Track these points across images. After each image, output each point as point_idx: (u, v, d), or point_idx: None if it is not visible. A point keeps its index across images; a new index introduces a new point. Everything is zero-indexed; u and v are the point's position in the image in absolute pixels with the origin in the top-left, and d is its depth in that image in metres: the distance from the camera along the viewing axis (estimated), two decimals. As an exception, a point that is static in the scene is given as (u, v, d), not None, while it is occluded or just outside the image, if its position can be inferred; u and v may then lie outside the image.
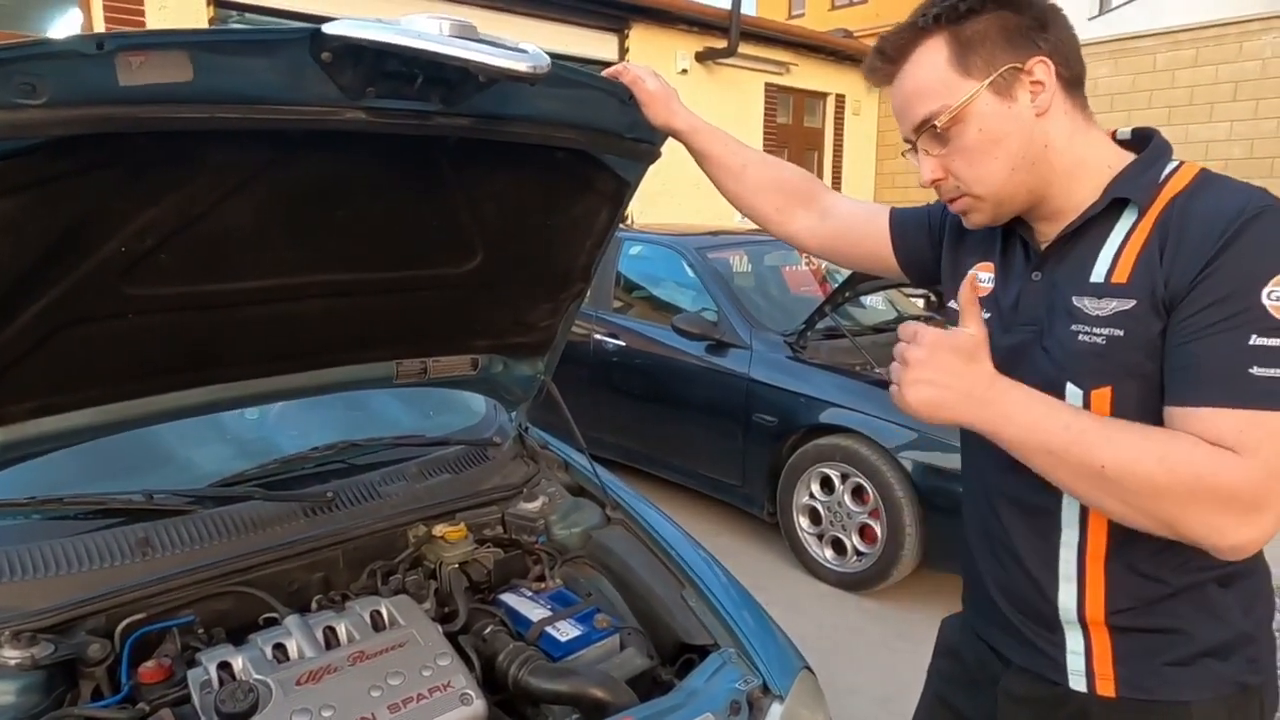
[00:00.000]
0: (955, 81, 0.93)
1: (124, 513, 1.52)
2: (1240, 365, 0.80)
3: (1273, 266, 0.81)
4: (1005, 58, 0.92)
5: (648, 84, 1.26)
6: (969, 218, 1.02)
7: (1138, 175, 0.94)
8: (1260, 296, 0.80)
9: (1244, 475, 0.79)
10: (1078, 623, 0.99)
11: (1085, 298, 0.93)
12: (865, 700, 2.58)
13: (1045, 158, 0.95)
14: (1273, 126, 8.38)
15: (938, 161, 0.97)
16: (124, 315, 1.23)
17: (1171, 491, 0.80)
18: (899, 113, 1.00)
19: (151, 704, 1.21)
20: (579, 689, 1.31)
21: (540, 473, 1.98)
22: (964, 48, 0.92)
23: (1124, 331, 0.89)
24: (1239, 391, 0.80)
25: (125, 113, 0.87)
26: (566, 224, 1.55)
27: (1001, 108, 0.93)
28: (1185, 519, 0.81)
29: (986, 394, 0.88)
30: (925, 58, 0.95)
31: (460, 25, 0.92)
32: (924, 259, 1.24)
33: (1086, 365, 0.93)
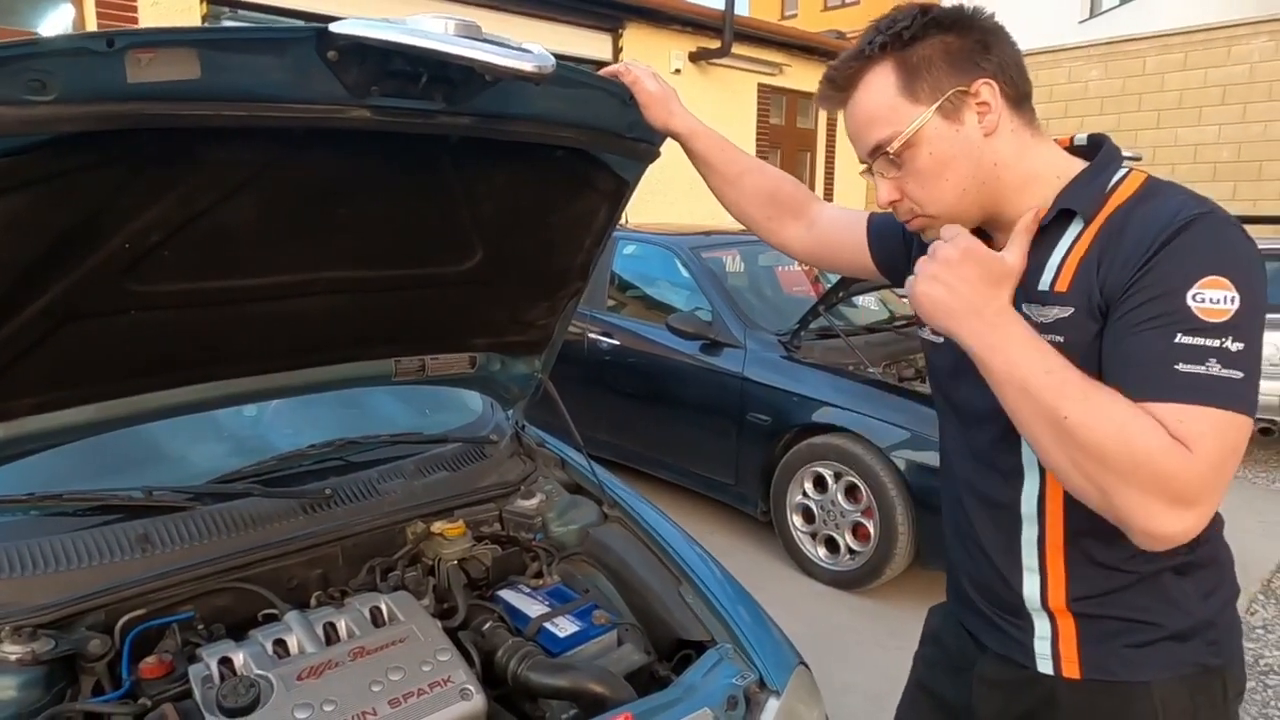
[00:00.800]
0: (904, 108, 0.95)
1: (123, 509, 1.52)
2: (1165, 362, 0.83)
3: (1198, 270, 0.84)
4: (950, 81, 0.94)
5: (648, 85, 1.27)
6: (925, 235, 1.04)
7: (1084, 185, 0.96)
8: (1186, 298, 0.83)
9: (1189, 467, 0.80)
10: (1043, 610, 1.03)
11: (1032, 305, 0.96)
12: (859, 697, 2.60)
13: (995, 175, 0.97)
14: (1260, 130, 8.46)
15: (893, 184, 1.00)
16: (127, 311, 1.23)
17: (1118, 460, 0.81)
18: (853, 137, 1.03)
19: (153, 699, 1.22)
20: (578, 684, 1.32)
21: (537, 470, 1.99)
22: (910, 74, 0.95)
23: (1064, 338, 0.92)
24: (1166, 385, 0.82)
25: (133, 109, 0.88)
26: (565, 222, 1.56)
27: (950, 131, 0.95)
28: (1122, 492, 0.81)
29: (992, 317, 0.89)
30: (874, 84, 0.97)
31: (465, 25, 0.92)
32: (898, 262, 1.27)
33: None
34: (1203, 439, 0.80)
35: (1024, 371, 0.86)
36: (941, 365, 1.13)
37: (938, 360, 1.14)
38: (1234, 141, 8.62)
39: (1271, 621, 3.29)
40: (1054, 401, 0.84)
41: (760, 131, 10.36)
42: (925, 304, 0.93)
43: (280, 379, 1.58)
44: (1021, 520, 1.03)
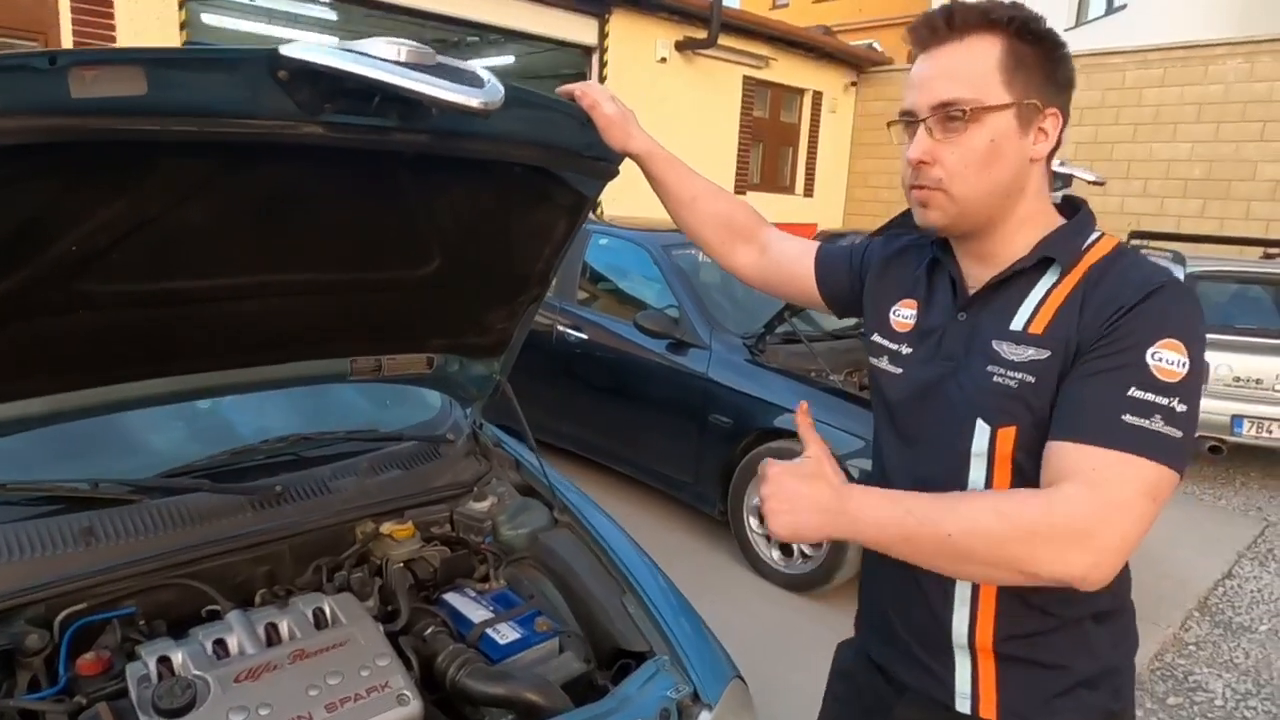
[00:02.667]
0: (996, 84, 0.95)
1: (68, 501, 1.51)
2: (1113, 411, 0.88)
3: (1160, 332, 0.89)
4: (1038, 93, 0.96)
5: (605, 108, 1.28)
6: (926, 212, 1.03)
7: (1066, 239, 1.02)
8: (1145, 355, 0.89)
9: (1077, 505, 0.85)
10: (967, 648, 1.06)
11: (1004, 342, 0.99)
12: (801, 698, 2.64)
13: (1017, 199, 1.01)
14: (1231, 149, 8.60)
15: (935, 146, 0.98)
16: (74, 310, 1.23)
17: (1012, 536, 0.86)
18: (922, 83, 0.99)
19: (88, 697, 1.22)
20: (514, 693, 1.34)
21: (492, 471, 2.00)
22: (1016, 61, 0.95)
23: (1035, 378, 0.96)
24: (1105, 433, 0.87)
25: (77, 123, 0.87)
26: (524, 233, 1.57)
27: (1015, 133, 0.97)
28: (1034, 559, 0.85)
29: (834, 504, 0.92)
30: (980, 46, 0.96)
31: (418, 51, 0.93)
32: (843, 293, 1.30)
33: (997, 404, 0.99)
34: (1109, 483, 0.85)
35: (895, 526, 0.90)
36: (895, 396, 1.14)
37: (892, 391, 1.15)
38: (1205, 159, 8.76)
39: (1204, 639, 3.40)
40: (933, 530, 0.88)
41: (743, 124, 10.37)
42: (786, 534, 0.94)
43: (233, 376, 1.58)
44: None
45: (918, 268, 1.16)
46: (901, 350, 1.14)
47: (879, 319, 1.20)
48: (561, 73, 10.56)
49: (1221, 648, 3.33)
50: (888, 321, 1.17)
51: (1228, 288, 5.67)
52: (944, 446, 1.04)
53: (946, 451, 1.04)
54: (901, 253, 1.22)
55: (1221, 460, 5.52)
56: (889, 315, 1.18)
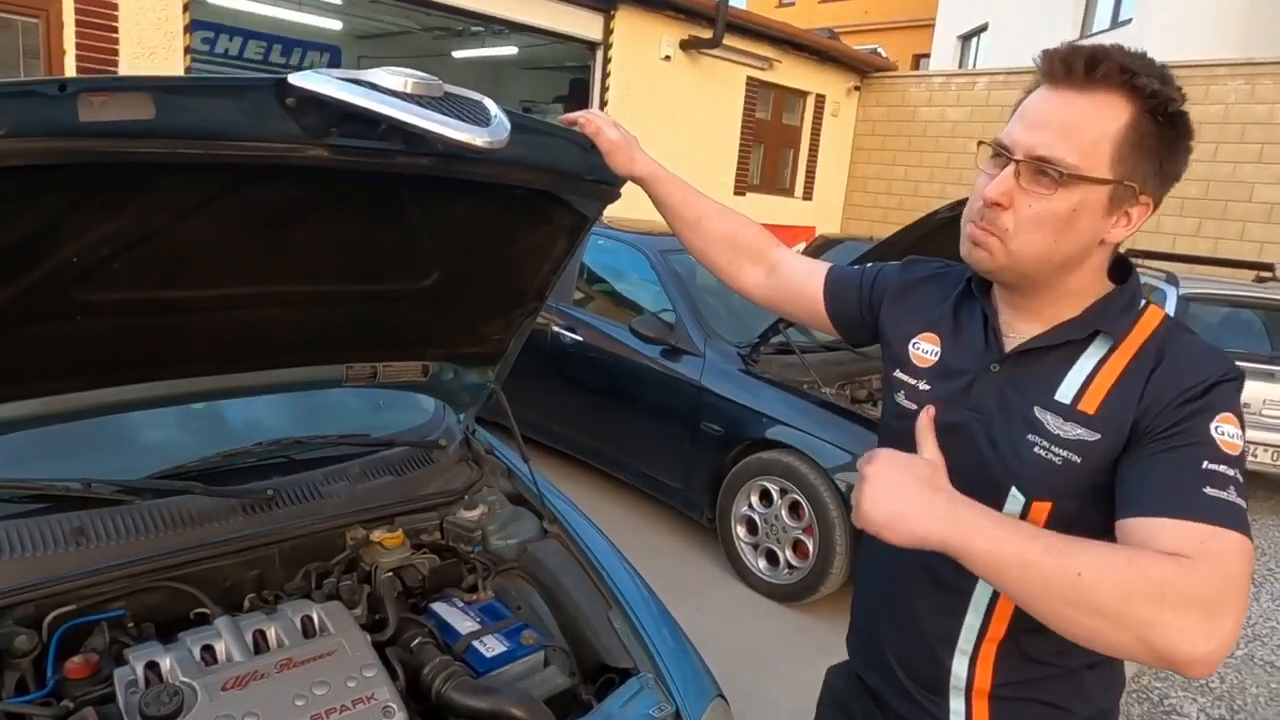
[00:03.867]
0: (1103, 157, 0.89)
1: (59, 500, 1.52)
2: (1196, 484, 0.85)
3: (1221, 407, 0.89)
4: (1141, 179, 0.91)
5: (609, 134, 1.29)
6: (976, 253, 0.98)
7: (1117, 312, 0.98)
8: (1210, 429, 0.87)
9: (1207, 578, 0.79)
10: (964, 691, 1.06)
11: (1049, 413, 0.96)
12: (781, 712, 2.68)
13: (1072, 270, 0.97)
14: (1228, 170, 8.65)
15: (1015, 193, 0.92)
16: (73, 317, 1.23)
17: (1144, 593, 0.78)
18: (1033, 124, 0.93)
19: (76, 700, 1.22)
20: (498, 707, 1.36)
21: (483, 479, 2.01)
22: (1136, 140, 0.89)
23: (1081, 459, 0.93)
24: (1197, 507, 0.84)
25: (85, 145, 0.88)
26: (524, 250, 1.58)
27: (1100, 211, 0.92)
28: (1159, 623, 0.77)
29: (947, 508, 0.85)
30: (1106, 109, 0.89)
31: (424, 84, 0.94)
32: (851, 319, 1.27)
33: (1035, 477, 0.96)
34: (1226, 555, 0.81)
35: (1014, 545, 0.82)
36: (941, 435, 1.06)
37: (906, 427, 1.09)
38: (1203, 179, 8.80)
39: (1181, 661, 3.43)
40: (1060, 561, 0.80)
41: (745, 125, 10.37)
42: (884, 521, 0.85)
43: (229, 380, 1.58)
44: (969, 607, 1.03)
45: (943, 300, 1.12)
46: (920, 386, 1.10)
47: (897, 353, 1.16)
48: (566, 64, 10.55)
49: (1198, 671, 3.37)
50: (907, 355, 1.14)
51: (1219, 311, 5.72)
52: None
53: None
54: (922, 282, 1.19)
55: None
56: (908, 349, 1.14)
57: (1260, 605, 4.06)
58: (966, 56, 16.69)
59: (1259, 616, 3.93)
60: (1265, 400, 5.04)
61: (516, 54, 10.80)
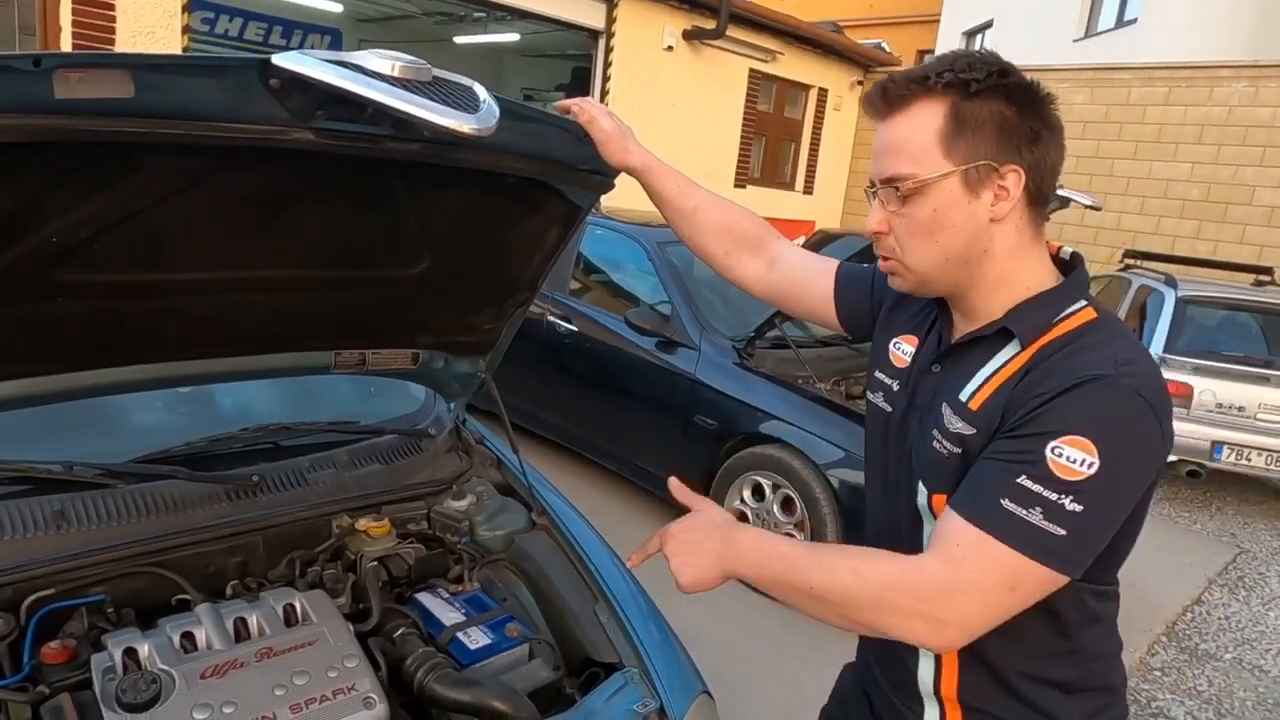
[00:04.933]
0: (934, 155, 0.93)
1: (41, 482, 1.50)
2: (995, 492, 0.88)
3: (1068, 426, 0.86)
4: (988, 153, 0.92)
5: (603, 124, 1.27)
6: (893, 279, 1.05)
7: (1036, 310, 0.97)
8: (1046, 448, 0.86)
9: (930, 575, 0.89)
10: (934, 696, 1.06)
11: (948, 408, 0.99)
12: (769, 709, 2.68)
13: (980, 261, 0.97)
14: (1230, 173, 8.63)
15: (887, 217, 0.99)
16: (54, 298, 1.21)
17: (863, 599, 0.90)
18: (876, 154, 1.00)
19: (52, 686, 1.21)
20: (481, 700, 1.35)
21: (472, 469, 2.00)
22: (957, 126, 0.92)
23: (960, 450, 0.97)
24: (979, 511, 0.88)
25: (61, 123, 0.86)
26: (516, 239, 1.56)
27: (962, 199, 0.94)
28: (881, 623, 0.91)
29: (721, 546, 0.99)
30: (920, 117, 0.94)
31: (412, 68, 0.92)
32: (861, 318, 1.27)
33: (931, 469, 1.01)
34: (965, 561, 0.87)
35: (767, 568, 0.96)
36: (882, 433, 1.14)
37: (880, 427, 1.14)
38: (1204, 181, 8.78)
39: (1170, 664, 3.44)
40: (799, 579, 0.94)
41: (747, 117, 10.32)
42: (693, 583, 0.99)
43: (214, 365, 1.56)
44: None
45: (928, 304, 1.14)
46: (894, 387, 1.14)
47: (881, 352, 1.18)
48: (568, 52, 10.49)
49: (1186, 674, 3.38)
50: (887, 355, 1.16)
51: (1217, 313, 5.71)
52: (904, 497, 1.07)
53: (906, 502, 1.06)
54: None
55: (1199, 485, 5.58)
56: (889, 348, 1.16)
57: (1250, 609, 4.07)
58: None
59: (1248, 620, 3.94)
60: (1261, 404, 5.04)
61: (518, 41, 10.73)
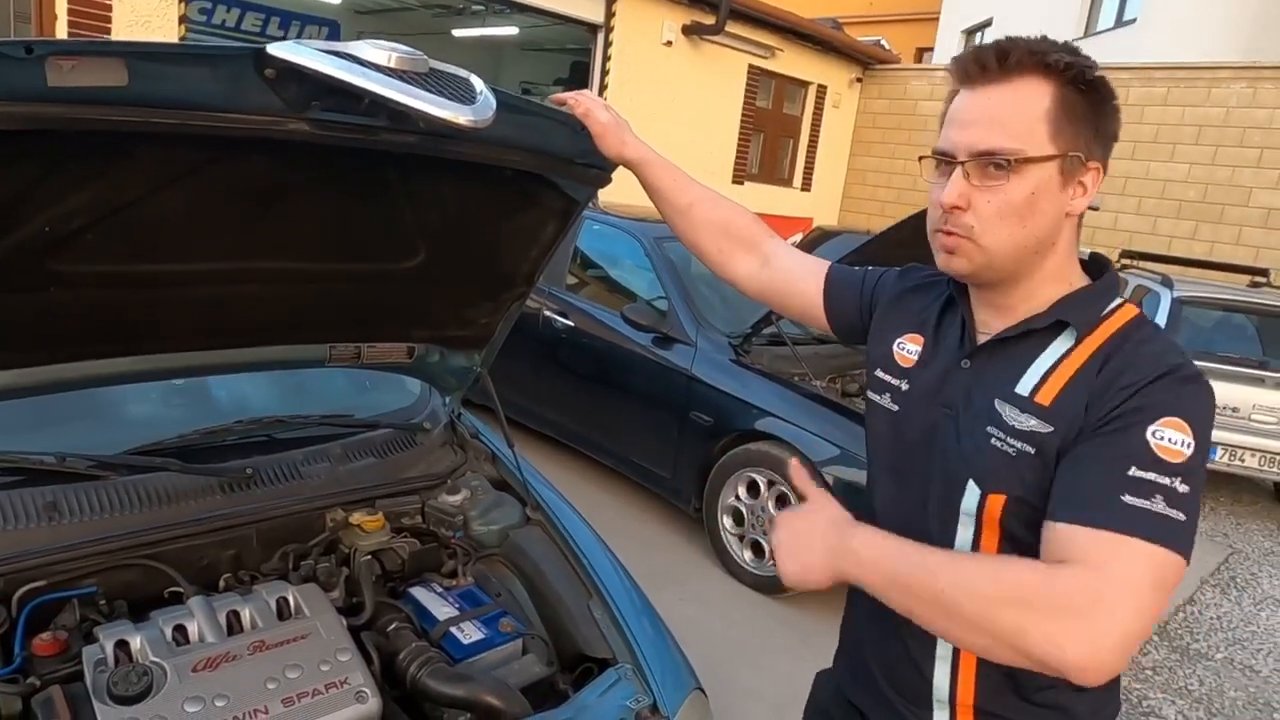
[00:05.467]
0: (1041, 136, 0.91)
1: (33, 473, 1.50)
2: (1113, 491, 0.84)
3: (1163, 410, 0.86)
4: (1084, 147, 0.92)
5: (600, 116, 1.26)
6: (952, 259, 0.98)
7: (1086, 305, 0.97)
8: (1146, 434, 0.85)
9: (1075, 584, 0.81)
10: (947, 704, 1.04)
11: (1007, 405, 0.95)
12: (762, 705, 2.68)
13: (1047, 253, 0.96)
14: (1227, 174, 8.64)
15: (970, 192, 0.93)
16: (46, 288, 1.20)
17: (1004, 599, 0.82)
18: (965, 124, 0.94)
19: (43, 678, 1.21)
20: (473, 695, 1.35)
21: (467, 464, 1.99)
22: (1066, 112, 0.90)
23: (1034, 450, 0.92)
24: (1104, 513, 0.83)
25: (53, 111, 0.85)
26: (512, 233, 1.55)
27: (1055, 187, 0.92)
28: (1023, 631, 0.80)
29: (838, 542, 0.94)
30: (1030, 90, 0.91)
31: (408, 58, 0.91)
32: (850, 320, 1.26)
33: (991, 468, 0.96)
34: (1109, 564, 0.81)
35: (890, 567, 0.90)
36: (892, 434, 1.11)
37: (888, 428, 1.12)
38: (1201, 182, 8.79)
39: (1160, 664, 3.45)
40: (926, 579, 0.86)
41: (745, 113, 10.30)
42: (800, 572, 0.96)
43: (208, 357, 1.55)
44: None
45: (931, 303, 1.13)
46: (901, 387, 1.10)
47: (883, 352, 1.16)
48: (567, 46, 10.46)
49: (1177, 674, 3.39)
50: (891, 355, 1.14)
51: (1212, 314, 5.72)
52: (935, 498, 1.02)
53: (938, 504, 1.01)
54: (915, 289, 1.18)
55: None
56: (893, 348, 1.14)
57: (1242, 609, 4.08)
58: (970, 52, 16.61)
59: (1239, 620, 3.95)
60: (1255, 405, 5.05)
61: (517, 34, 10.70)
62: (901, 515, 1.08)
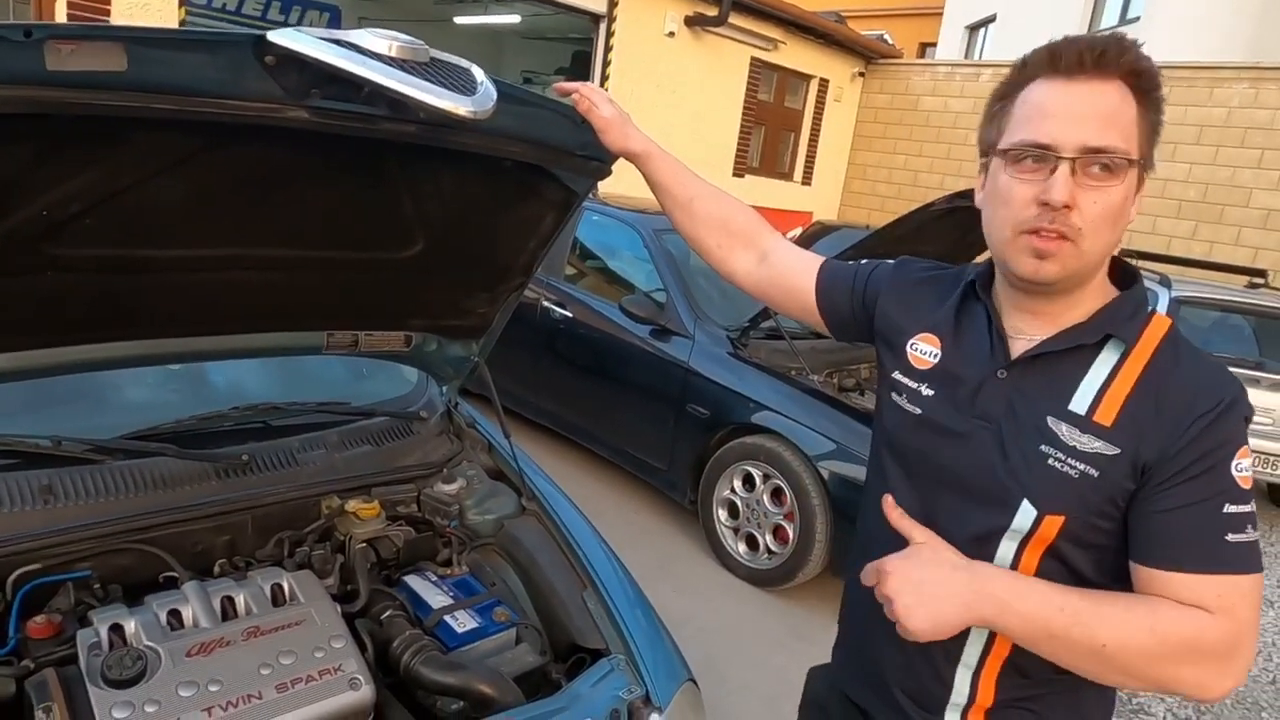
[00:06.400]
0: (1134, 139, 0.89)
1: (29, 456, 1.50)
2: (1218, 534, 0.87)
3: (1237, 442, 0.89)
4: (1149, 154, 0.92)
5: (602, 111, 1.26)
6: (1045, 264, 0.92)
7: (1128, 316, 0.96)
8: (1231, 469, 0.88)
9: (1223, 633, 0.86)
10: (961, 708, 1.04)
11: (1063, 424, 0.93)
12: (754, 697, 2.69)
13: (1105, 262, 0.96)
14: (1227, 174, 8.63)
15: (1078, 191, 0.89)
16: (43, 272, 1.20)
17: (1164, 657, 0.86)
18: (1073, 117, 0.89)
19: (37, 661, 1.21)
20: (466, 683, 1.35)
21: (463, 453, 2.00)
22: (1144, 118, 0.90)
23: (1099, 473, 0.91)
24: (1218, 559, 0.87)
25: (52, 96, 0.85)
26: (511, 224, 1.55)
27: (1134, 192, 0.92)
28: (1178, 679, 0.87)
29: (971, 587, 0.90)
30: (1122, 94, 0.89)
31: (409, 48, 0.91)
32: (842, 316, 1.23)
33: (1049, 490, 0.93)
34: (1238, 606, 0.87)
35: (1043, 620, 0.88)
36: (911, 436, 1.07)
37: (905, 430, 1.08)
38: (1201, 182, 8.78)
39: (1151, 660, 3.47)
40: (1086, 635, 0.86)
41: (747, 106, 10.27)
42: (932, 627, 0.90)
43: (205, 343, 1.56)
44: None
45: (942, 302, 1.09)
46: (921, 390, 1.07)
47: (896, 353, 1.13)
48: (569, 36, 10.41)
49: (1167, 671, 3.40)
50: (905, 357, 1.11)
51: (1210, 314, 5.72)
52: (973, 512, 0.99)
53: (977, 517, 0.98)
54: (919, 284, 1.15)
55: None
56: (906, 350, 1.11)
57: (1232, 608, 4.10)
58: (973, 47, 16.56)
59: (1230, 619, 3.97)
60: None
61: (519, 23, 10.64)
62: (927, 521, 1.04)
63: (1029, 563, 0.96)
